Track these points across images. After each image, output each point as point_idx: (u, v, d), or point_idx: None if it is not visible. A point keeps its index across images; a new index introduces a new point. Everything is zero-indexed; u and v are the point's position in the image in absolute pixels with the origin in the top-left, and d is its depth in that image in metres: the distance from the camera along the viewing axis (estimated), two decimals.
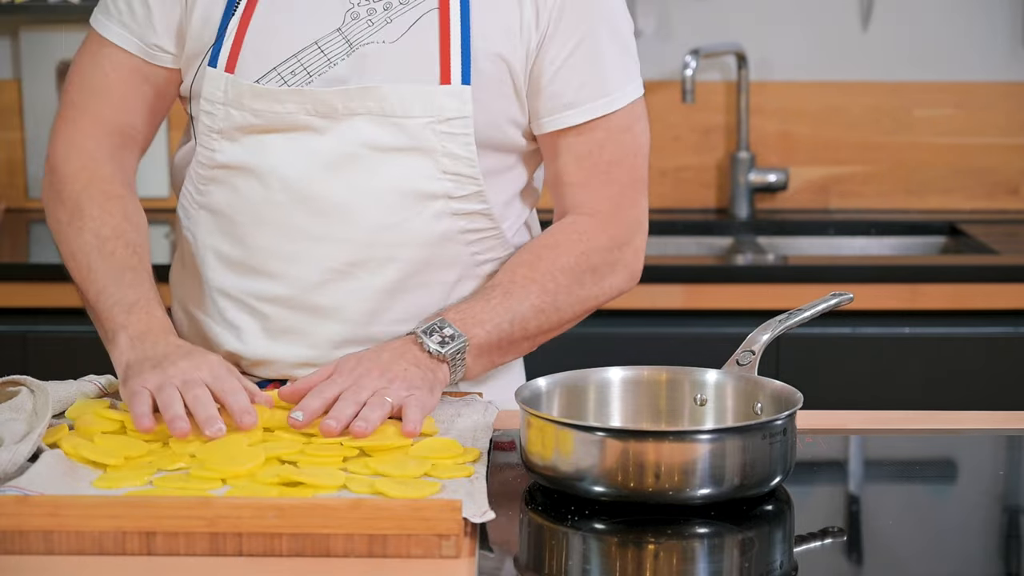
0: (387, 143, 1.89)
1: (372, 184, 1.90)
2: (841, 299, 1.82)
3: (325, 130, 1.89)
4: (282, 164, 1.90)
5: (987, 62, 3.64)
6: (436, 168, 1.90)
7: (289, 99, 1.89)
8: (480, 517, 1.51)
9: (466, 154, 1.90)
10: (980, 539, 1.61)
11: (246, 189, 1.93)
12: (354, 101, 1.88)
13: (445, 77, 1.88)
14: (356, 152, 1.89)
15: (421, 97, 1.88)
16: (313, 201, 1.90)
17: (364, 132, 1.89)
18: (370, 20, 1.89)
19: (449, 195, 1.91)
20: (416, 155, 1.89)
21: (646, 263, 1.84)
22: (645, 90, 2.00)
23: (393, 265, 1.91)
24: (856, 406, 2.07)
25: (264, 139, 1.91)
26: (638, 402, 1.76)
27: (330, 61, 1.89)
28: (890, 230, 3.59)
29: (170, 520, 1.46)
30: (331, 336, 1.93)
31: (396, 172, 1.89)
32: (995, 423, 1.90)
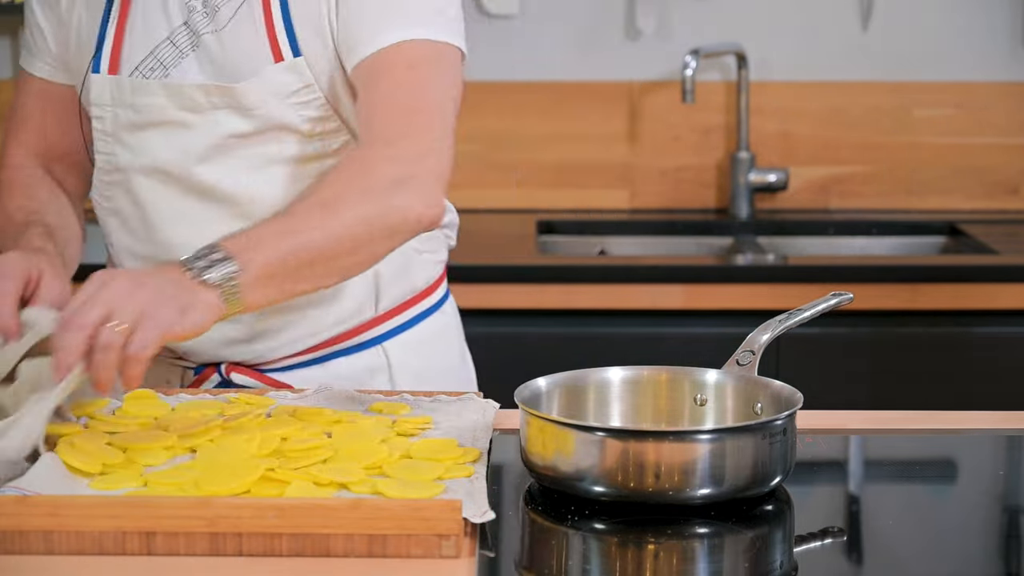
0: (250, 130, 1.97)
1: (248, 165, 1.98)
2: (841, 299, 1.82)
3: (194, 124, 1.98)
4: (162, 159, 1.99)
5: (987, 62, 3.64)
6: (301, 136, 1.97)
7: (161, 93, 1.98)
8: (480, 517, 1.51)
9: (324, 114, 1.97)
10: (980, 539, 1.61)
11: (138, 187, 2.02)
12: (213, 96, 1.96)
13: (277, 55, 1.95)
14: (225, 143, 1.97)
15: (263, 83, 1.95)
16: (198, 189, 1.99)
17: (228, 124, 1.97)
18: (204, 11, 1.98)
19: (323, 153, 1.99)
20: (280, 131, 1.97)
21: (646, 263, 1.84)
22: (645, 90, 2.00)
23: None
24: (856, 406, 2.07)
25: (145, 136, 2.00)
26: (638, 402, 1.76)
27: (181, 53, 1.98)
28: (890, 230, 3.59)
29: (170, 520, 1.46)
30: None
31: (267, 149, 1.97)
32: (995, 423, 1.90)
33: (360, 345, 2.08)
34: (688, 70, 3.45)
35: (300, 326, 2.05)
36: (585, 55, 3.63)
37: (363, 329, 2.08)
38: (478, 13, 3.63)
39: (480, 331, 3.09)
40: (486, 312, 3.10)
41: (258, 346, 2.04)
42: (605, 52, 3.63)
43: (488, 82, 3.62)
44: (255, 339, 2.04)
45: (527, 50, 3.63)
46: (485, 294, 3.09)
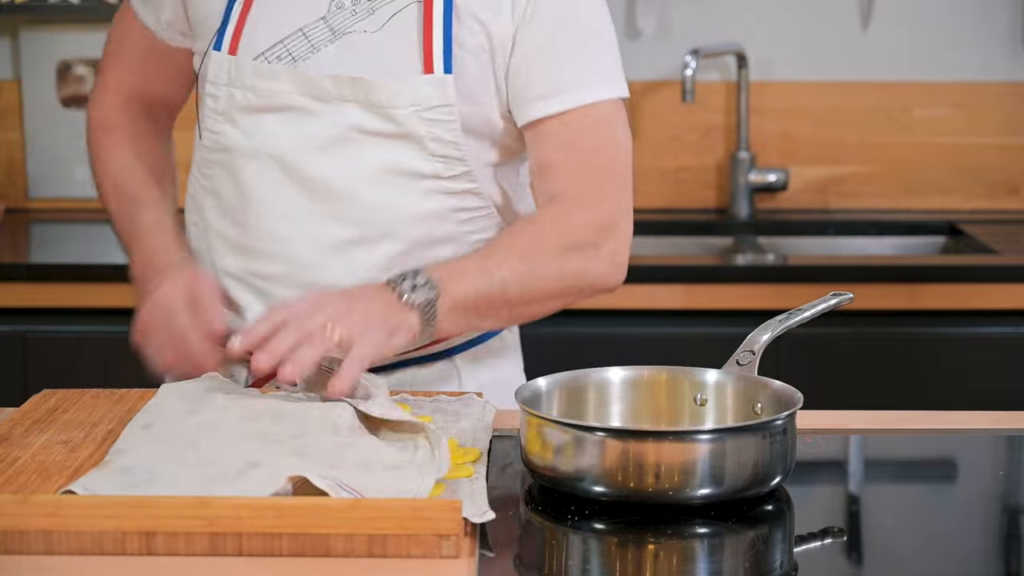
0: (376, 128, 1.94)
1: (363, 164, 1.95)
2: (841, 299, 1.82)
3: (318, 112, 1.95)
4: (277, 145, 1.97)
5: (987, 62, 3.64)
6: (424, 151, 1.95)
7: (285, 78, 1.96)
8: (480, 517, 1.51)
9: (452, 138, 1.94)
10: (980, 539, 1.61)
11: (245, 171, 1.99)
12: (345, 88, 1.94)
13: (428, 66, 1.93)
14: (346, 135, 1.95)
15: (405, 88, 1.93)
16: (307, 181, 1.96)
17: (354, 117, 1.94)
18: (354, 10, 1.96)
19: (438, 175, 1.96)
20: (404, 140, 1.95)
21: (646, 263, 1.85)
22: (645, 90, 2.01)
23: (387, 242, 1.96)
24: (856, 406, 2.07)
25: (261, 119, 1.97)
26: (638, 402, 1.76)
27: (314, 47, 1.96)
28: (890, 230, 3.59)
29: (170, 520, 1.46)
30: None
31: (386, 154, 1.95)
32: (995, 423, 1.90)
33: (433, 356, 2.07)
34: (688, 70, 3.45)
35: None
36: None
37: (439, 341, 2.04)
38: None
39: None
40: None
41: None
42: None
43: None
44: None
45: None
46: None
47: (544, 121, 1.97)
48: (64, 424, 1.78)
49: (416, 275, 1.84)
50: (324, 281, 1.95)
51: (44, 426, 1.77)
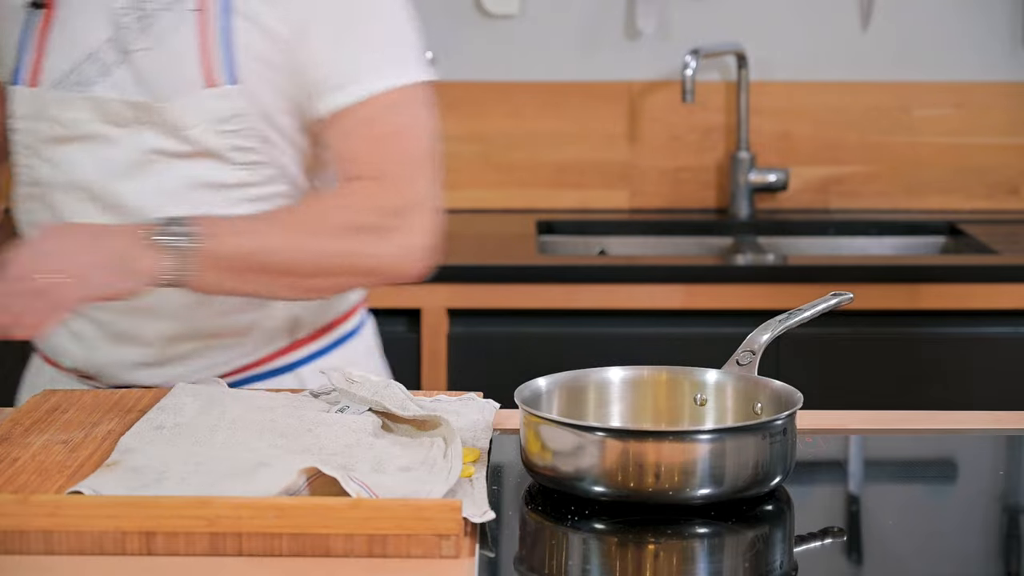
0: (174, 149, 1.94)
1: (168, 185, 1.94)
2: (841, 299, 1.82)
3: (116, 138, 1.95)
4: (83, 175, 1.96)
5: (987, 62, 3.64)
6: (226, 163, 1.94)
7: (83, 106, 1.94)
8: (480, 517, 1.51)
9: (252, 145, 1.94)
10: (980, 539, 1.61)
11: (59, 204, 1.98)
12: (138, 111, 1.93)
13: (209, 80, 1.92)
14: (147, 159, 1.94)
15: (192, 106, 1.92)
16: (117, 208, 1.95)
17: (151, 141, 1.94)
18: (135, 28, 1.94)
19: (245, 183, 1.96)
20: (204, 156, 1.94)
21: (646, 263, 1.84)
22: (645, 90, 2.01)
23: None
24: (856, 406, 2.07)
25: (65, 150, 1.96)
26: (638, 402, 1.76)
27: (105, 70, 1.94)
28: (890, 230, 3.59)
29: (170, 520, 1.46)
30: (162, 333, 2.00)
31: (189, 172, 1.94)
32: (995, 423, 1.90)
33: (275, 371, 2.06)
34: (688, 70, 3.45)
35: (214, 352, 2.03)
36: (585, 55, 3.64)
37: (279, 355, 2.06)
38: (478, 13, 3.63)
39: (480, 331, 3.10)
40: (486, 312, 3.10)
41: (169, 371, 2.02)
42: (605, 52, 3.63)
43: (488, 82, 3.62)
44: (166, 363, 2.02)
45: (527, 50, 3.64)
46: (485, 294, 3.09)
47: (340, 112, 1.95)
48: (64, 424, 1.78)
49: (175, 222, 1.82)
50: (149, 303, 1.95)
51: (44, 426, 1.77)
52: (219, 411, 1.72)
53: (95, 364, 2.04)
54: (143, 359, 2.02)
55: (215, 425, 1.69)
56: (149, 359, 2.02)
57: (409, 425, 1.73)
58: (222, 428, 1.68)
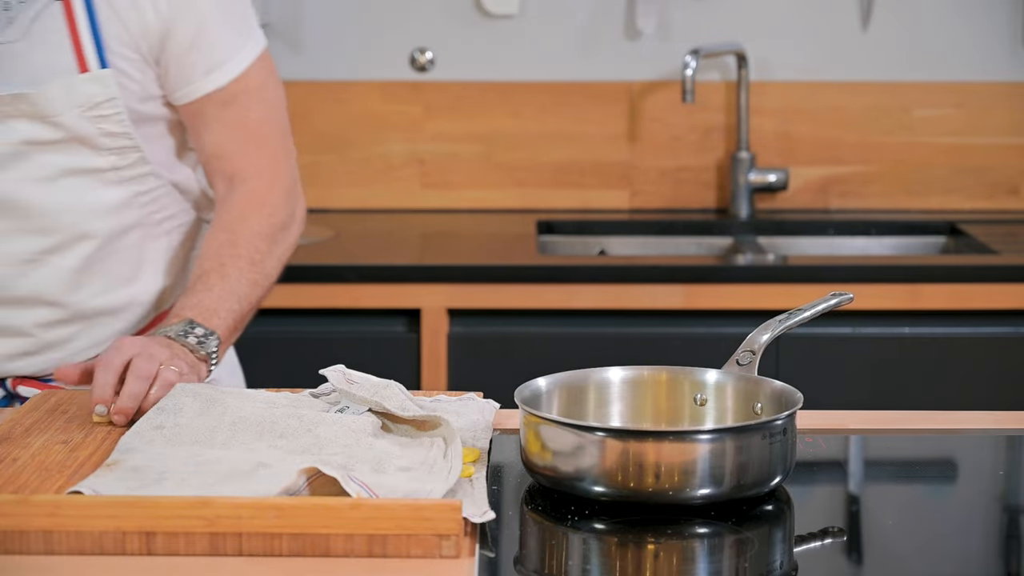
0: (46, 138, 1.98)
1: (40, 174, 1.99)
2: (841, 299, 1.82)
3: None
4: None
5: (987, 62, 3.64)
6: (98, 148, 2.00)
7: None
8: (480, 517, 1.51)
9: (122, 130, 2.00)
10: (980, 539, 1.61)
11: None
12: (8, 106, 1.96)
13: (83, 65, 1.98)
14: (19, 150, 1.98)
15: (66, 92, 1.97)
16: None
17: (22, 131, 1.98)
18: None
19: (115, 167, 2.02)
20: (76, 142, 1.99)
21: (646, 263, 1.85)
22: (645, 90, 2.01)
23: (81, 242, 2.03)
24: (856, 406, 2.07)
25: None
26: (638, 402, 1.76)
27: None
28: (890, 230, 3.59)
29: (170, 520, 1.46)
30: (39, 321, 2.04)
31: (61, 159, 1.99)
32: (995, 423, 1.90)
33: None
34: (688, 70, 3.45)
35: (88, 335, 2.07)
36: (585, 55, 3.64)
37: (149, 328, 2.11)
38: (478, 13, 3.63)
39: (480, 331, 3.10)
40: (486, 312, 3.10)
41: (45, 357, 2.06)
42: (605, 52, 3.63)
43: (488, 82, 3.62)
44: (42, 351, 2.06)
45: (527, 50, 3.64)
46: (485, 294, 3.09)
47: (204, 105, 2.05)
48: (64, 424, 1.78)
49: (193, 328, 1.92)
50: (25, 293, 2.01)
51: (44, 426, 1.77)
52: (219, 411, 1.72)
53: None
54: (19, 349, 2.05)
55: (215, 425, 1.69)
56: (26, 349, 2.05)
57: (409, 425, 1.73)
58: (222, 428, 1.68)
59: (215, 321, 1.95)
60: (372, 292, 3.09)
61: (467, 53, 3.63)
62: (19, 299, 2.02)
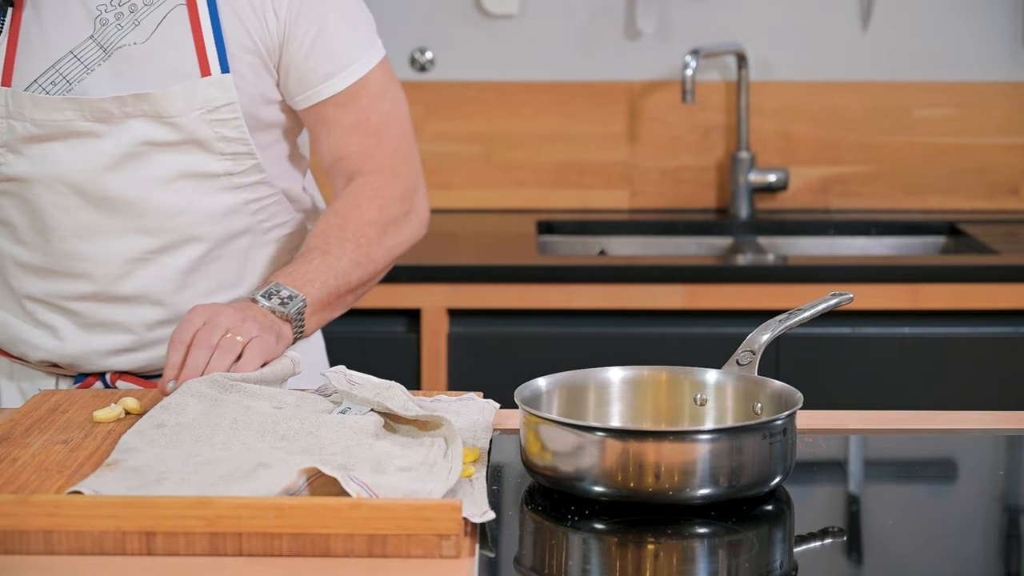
0: (164, 139, 2.00)
1: (155, 175, 2.01)
2: (841, 299, 1.82)
3: (104, 134, 1.99)
4: (67, 170, 2.00)
5: (987, 62, 3.64)
6: (213, 152, 2.01)
7: (67, 107, 1.98)
8: (480, 517, 1.51)
9: (238, 135, 2.01)
10: (980, 539, 1.61)
11: (35, 198, 2.02)
12: (128, 107, 1.98)
13: (205, 69, 1.99)
14: (135, 151, 2.00)
15: (188, 94, 1.99)
16: (103, 200, 2.01)
17: (141, 132, 1.99)
18: (119, 24, 1.99)
19: (229, 172, 2.03)
20: (193, 145, 2.01)
21: (646, 263, 1.86)
22: (645, 90, 2.02)
23: (190, 245, 2.04)
24: (856, 406, 2.07)
25: (47, 147, 2.00)
26: (638, 402, 1.76)
27: (87, 68, 1.99)
28: (890, 230, 3.60)
29: (170, 520, 1.46)
30: (144, 320, 2.06)
31: (176, 161, 2.01)
32: (995, 423, 1.90)
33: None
34: (688, 70, 3.45)
35: None
36: (585, 55, 3.64)
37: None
38: (478, 13, 3.63)
39: (480, 331, 3.10)
40: (486, 312, 3.11)
41: (146, 355, 2.07)
42: (605, 52, 3.63)
43: (488, 82, 3.62)
44: (144, 348, 2.07)
45: (527, 50, 3.64)
46: (485, 294, 3.09)
47: (326, 109, 2.07)
48: (64, 424, 1.78)
49: (279, 290, 1.95)
50: (132, 292, 2.03)
51: (44, 426, 1.77)
52: (221, 411, 1.72)
53: (68, 355, 2.06)
54: (121, 346, 2.06)
55: (216, 425, 1.69)
56: (128, 345, 2.06)
57: (411, 426, 1.73)
58: (223, 428, 1.68)
59: (308, 289, 1.97)
60: (372, 292, 3.08)
61: (467, 53, 3.63)
62: (126, 297, 2.04)
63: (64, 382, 2.10)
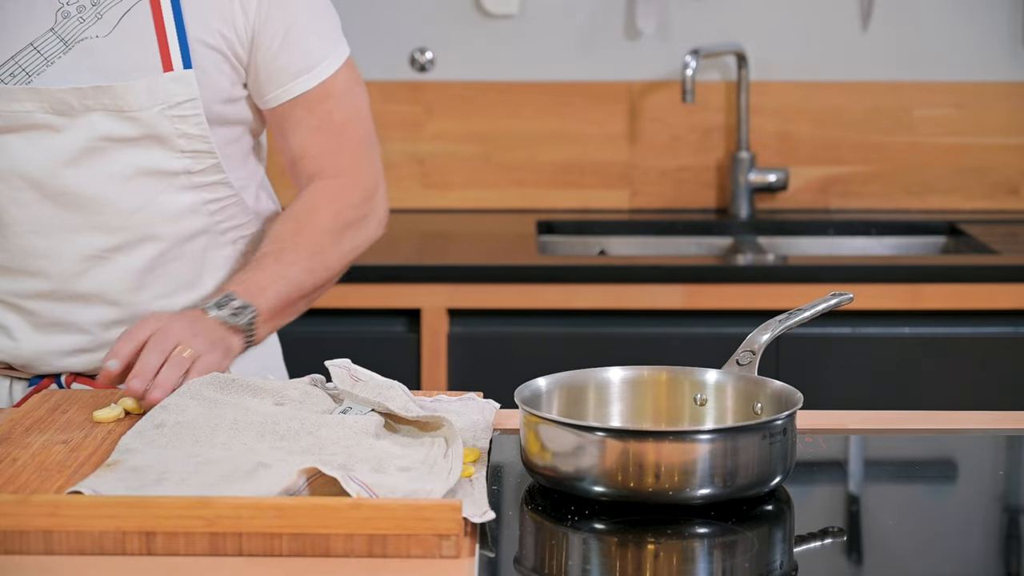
0: (124, 134, 1.99)
1: (114, 171, 2.00)
2: (841, 299, 1.82)
3: (63, 127, 1.98)
4: (24, 163, 1.99)
5: (987, 62, 3.64)
6: (173, 149, 2.01)
7: (27, 97, 1.97)
8: (480, 517, 1.51)
9: (199, 132, 2.01)
10: (980, 539, 1.61)
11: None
12: (88, 99, 1.97)
13: (167, 64, 1.98)
14: (94, 145, 1.99)
15: (149, 88, 1.98)
16: (60, 196, 2.00)
17: (101, 126, 1.98)
18: (81, 17, 1.98)
19: (189, 171, 2.03)
20: (153, 141, 2.00)
21: (646, 263, 1.86)
22: (645, 90, 2.02)
23: (148, 244, 2.03)
24: (856, 406, 2.07)
25: (4, 140, 1.99)
26: (638, 402, 1.76)
27: (47, 60, 1.97)
28: (890, 230, 3.59)
29: (170, 520, 1.46)
30: (99, 319, 2.04)
31: (136, 157, 2.00)
32: (995, 423, 1.90)
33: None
34: (688, 70, 3.45)
35: None
36: (585, 55, 3.64)
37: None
38: (478, 13, 3.63)
39: (480, 331, 3.10)
40: (486, 312, 3.10)
41: (102, 354, 2.04)
42: (605, 52, 3.63)
43: (488, 82, 3.62)
44: (99, 349, 2.05)
45: (527, 50, 3.64)
46: (485, 294, 3.09)
47: (294, 108, 2.07)
48: (64, 424, 1.78)
49: (229, 300, 1.95)
50: (88, 290, 2.02)
51: (44, 426, 1.77)
52: (221, 412, 1.72)
53: (23, 356, 2.05)
54: (77, 346, 2.05)
55: (216, 425, 1.69)
56: (83, 345, 2.05)
57: (411, 426, 1.73)
58: (223, 428, 1.68)
59: (260, 298, 1.97)
60: (372, 292, 3.09)
61: (467, 53, 3.63)
62: (81, 295, 2.03)
63: (18, 385, 2.08)
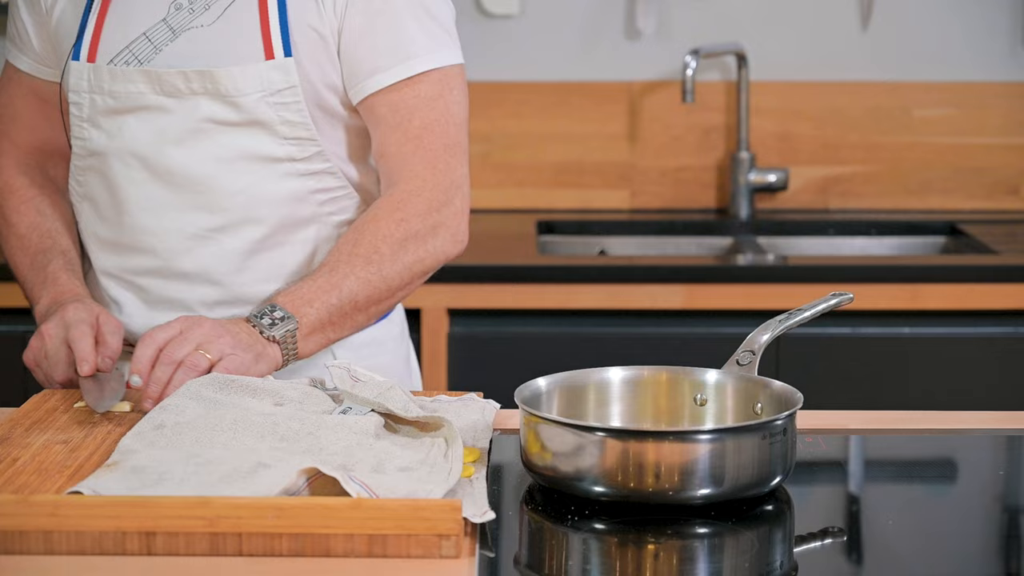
0: (226, 118, 2.03)
1: (219, 153, 2.04)
2: (841, 299, 1.82)
3: (172, 108, 2.03)
4: (136, 142, 2.05)
5: (986, 62, 3.64)
6: (275, 135, 2.03)
7: (140, 79, 2.04)
8: (480, 517, 1.51)
9: (300, 119, 2.03)
10: (980, 539, 1.61)
11: (112, 172, 2.07)
12: (193, 83, 2.02)
13: (269, 52, 2.02)
14: (200, 127, 2.03)
15: (250, 75, 2.01)
16: (168, 175, 2.05)
17: (206, 109, 2.03)
18: (191, 8, 2.04)
19: (292, 158, 2.05)
20: (256, 126, 2.03)
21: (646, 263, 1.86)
22: (645, 90, 2.02)
23: (250, 226, 2.06)
24: (856, 406, 2.07)
25: (122, 120, 2.05)
26: (638, 402, 1.76)
27: (156, 48, 2.04)
28: (890, 230, 3.60)
29: (170, 520, 1.46)
30: (203, 298, 2.08)
31: (239, 141, 2.03)
32: (995, 423, 1.90)
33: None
34: (688, 70, 3.45)
35: None
36: (585, 55, 3.64)
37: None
38: (478, 13, 3.63)
39: (480, 331, 3.10)
40: (486, 312, 3.11)
41: None
42: (605, 52, 3.63)
43: (488, 82, 3.62)
44: None
45: (527, 50, 3.64)
46: (485, 294, 3.09)
47: (375, 103, 2.06)
48: (64, 424, 1.78)
49: (273, 310, 1.95)
50: (192, 269, 2.06)
51: (44, 426, 1.77)
52: (220, 412, 1.72)
53: (133, 332, 2.08)
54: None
55: (216, 425, 1.69)
56: None
57: (411, 426, 1.73)
58: (223, 429, 1.68)
59: (305, 310, 1.96)
60: None
61: (467, 53, 3.62)
62: (186, 274, 2.07)
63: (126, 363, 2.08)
